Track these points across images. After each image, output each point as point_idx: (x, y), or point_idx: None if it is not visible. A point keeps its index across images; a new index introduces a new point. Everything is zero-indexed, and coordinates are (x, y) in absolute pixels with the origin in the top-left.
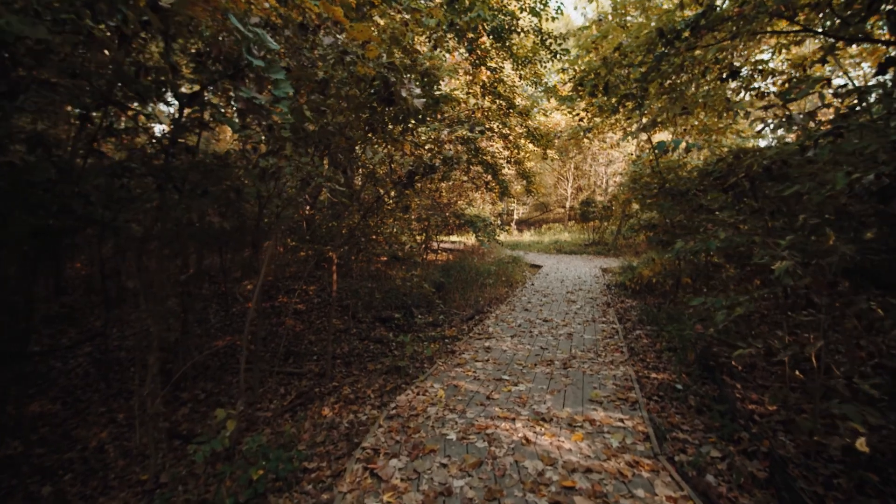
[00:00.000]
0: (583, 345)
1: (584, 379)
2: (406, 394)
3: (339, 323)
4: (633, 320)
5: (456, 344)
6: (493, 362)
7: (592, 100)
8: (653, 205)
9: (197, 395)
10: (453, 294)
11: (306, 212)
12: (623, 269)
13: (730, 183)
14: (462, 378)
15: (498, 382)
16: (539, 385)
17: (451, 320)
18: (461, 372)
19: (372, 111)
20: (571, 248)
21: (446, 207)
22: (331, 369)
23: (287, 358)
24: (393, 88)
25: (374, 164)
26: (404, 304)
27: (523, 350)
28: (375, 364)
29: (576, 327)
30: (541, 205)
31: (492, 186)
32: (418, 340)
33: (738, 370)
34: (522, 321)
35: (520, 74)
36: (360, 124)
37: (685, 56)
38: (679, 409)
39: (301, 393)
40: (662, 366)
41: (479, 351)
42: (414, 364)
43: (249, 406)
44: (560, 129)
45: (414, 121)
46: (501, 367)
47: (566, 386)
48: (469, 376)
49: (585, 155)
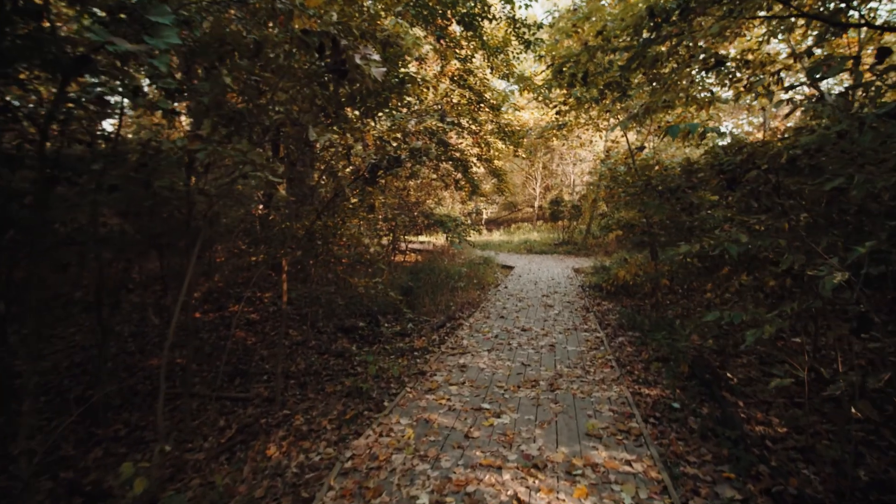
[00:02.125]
0: (568, 359)
1: (575, 404)
2: (367, 435)
3: (297, 334)
4: (613, 325)
5: (427, 360)
6: (470, 385)
7: (571, 90)
8: (632, 203)
9: (117, 430)
10: (423, 299)
11: (259, 211)
12: (596, 270)
13: (748, 177)
14: (434, 409)
15: (477, 413)
16: (525, 415)
17: (420, 329)
18: (433, 400)
19: (323, 88)
20: (541, 247)
21: (414, 207)
22: (282, 393)
23: (233, 379)
24: (345, 54)
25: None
26: (369, 312)
27: (503, 368)
28: (335, 385)
29: (557, 337)
30: (509, 204)
31: (462, 185)
32: (384, 353)
33: (736, 384)
34: (499, 331)
35: (491, 66)
36: (308, 104)
37: (674, 41)
38: (680, 434)
39: (244, 426)
40: (653, 379)
41: (453, 370)
42: (379, 385)
43: (178, 445)
44: (529, 128)
45: (375, 103)
46: (480, 390)
47: (557, 414)
48: (443, 406)
49: (553, 155)
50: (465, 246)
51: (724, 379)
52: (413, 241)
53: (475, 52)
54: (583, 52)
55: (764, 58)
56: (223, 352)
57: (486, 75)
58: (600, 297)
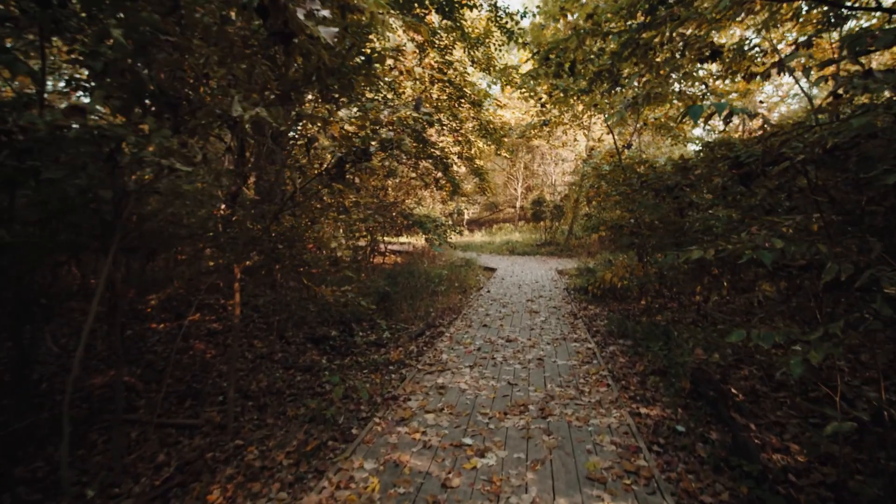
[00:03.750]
0: (558, 375)
1: (571, 435)
2: (320, 489)
3: (262, 346)
4: (602, 333)
5: (403, 376)
6: (449, 411)
7: (557, 81)
8: (623, 203)
9: (36, 469)
10: (400, 305)
11: (222, 211)
12: (580, 272)
13: (776, 170)
14: (407, 446)
15: (457, 451)
16: (514, 452)
17: (397, 338)
18: (406, 434)
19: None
20: (524, 248)
21: (393, 207)
22: (236, 419)
23: (184, 400)
24: (287, 10)
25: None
26: (343, 319)
27: (487, 388)
28: (297, 407)
29: (545, 348)
30: (491, 205)
31: (442, 184)
32: (356, 367)
33: (742, 401)
34: (482, 342)
35: (472, 58)
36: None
37: (670, 26)
38: (689, 464)
39: (186, 462)
40: (651, 395)
41: (430, 392)
42: (347, 407)
43: (104, 491)
44: (511, 127)
45: (339, 85)
46: (460, 419)
47: (551, 451)
48: (416, 442)
49: (535, 155)
50: (445, 248)
51: (730, 395)
52: (393, 243)
53: (455, 43)
54: (571, 37)
55: (765, 45)
56: (180, 366)
57: (467, 69)
58: (586, 300)
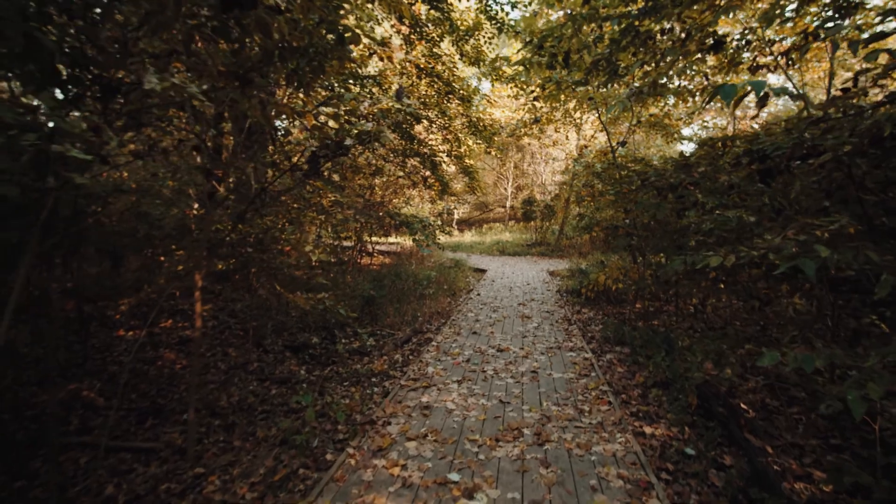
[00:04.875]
0: (555, 391)
1: (572, 467)
2: None
3: (237, 355)
4: (598, 339)
5: (385, 394)
6: (434, 438)
7: (551, 73)
8: (621, 201)
9: None
10: (386, 308)
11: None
12: (572, 273)
13: (819, 161)
14: (382, 484)
15: (441, 490)
16: (508, 490)
17: (381, 346)
18: (383, 468)
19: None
20: (514, 248)
21: (380, 206)
22: (199, 441)
23: (146, 418)
24: None
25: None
26: (326, 325)
27: (476, 408)
28: (269, 427)
29: (539, 359)
30: (481, 204)
31: (431, 183)
32: (336, 380)
33: (755, 420)
34: (471, 352)
35: (460, 51)
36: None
37: (673, 11)
38: (703, 496)
39: (135, 497)
40: (654, 411)
41: (413, 414)
42: (323, 427)
43: None
44: (501, 126)
45: (310, 68)
46: (446, 448)
47: (550, 488)
48: (395, 479)
49: (525, 154)
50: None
51: (741, 412)
52: (381, 243)
53: (443, 36)
54: (567, 24)
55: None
56: (142, 380)
57: (456, 64)
58: (579, 303)
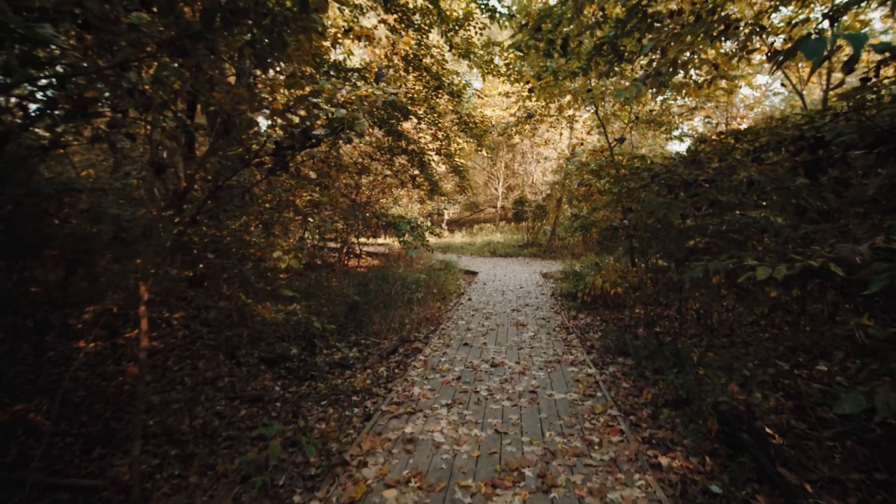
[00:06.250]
0: (558, 416)
1: None
2: None
3: (206, 369)
4: (598, 348)
5: (366, 418)
6: (418, 484)
7: (547, 62)
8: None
9: None
10: (372, 315)
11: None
12: (566, 275)
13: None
14: None
15: None
16: None
17: (365, 358)
18: None
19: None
20: (506, 249)
21: (366, 207)
22: (148, 478)
23: (93, 447)
24: None
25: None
26: (306, 334)
27: (468, 441)
28: (231, 458)
29: (538, 375)
30: (472, 204)
31: (419, 182)
32: (313, 399)
33: (784, 447)
34: (462, 368)
35: (450, 43)
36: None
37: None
38: None
39: None
40: (668, 435)
41: (394, 450)
42: (293, 460)
43: None
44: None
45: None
46: (432, 499)
47: None
48: None
49: (515, 154)
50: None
51: (768, 439)
52: (370, 244)
53: (431, 26)
54: (567, 2)
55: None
56: (98, 399)
57: (445, 56)
58: (575, 308)
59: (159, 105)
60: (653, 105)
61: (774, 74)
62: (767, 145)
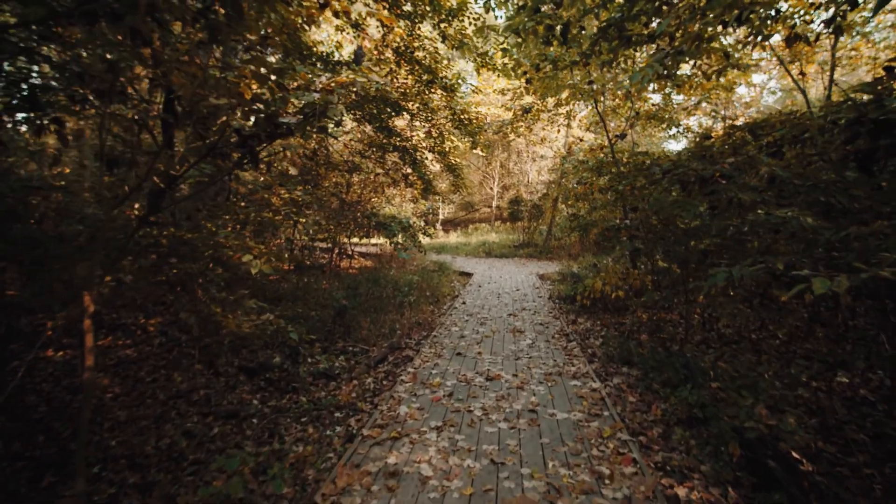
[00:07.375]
0: (561, 443)
1: None
2: None
3: (181, 380)
4: (600, 356)
5: (349, 438)
6: None
7: (546, 50)
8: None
9: None
10: (360, 320)
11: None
12: (564, 277)
13: None
14: None
15: None
16: None
17: (352, 368)
18: None
19: None
20: (501, 250)
21: (357, 206)
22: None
23: (45, 472)
24: None
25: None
26: (288, 341)
27: (460, 475)
28: (195, 487)
29: (538, 390)
30: (467, 204)
31: (412, 181)
32: (293, 414)
33: (816, 476)
34: (455, 382)
35: (443, 35)
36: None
37: None
38: None
39: None
40: (683, 461)
41: (374, 487)
42: (263, 491)
43: None
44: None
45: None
46: None
47: None
48: None
49: (511, 153)
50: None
51: (800, 469)
52: (362, 245)
53: (423, 16)
54: None
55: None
56: (59, 415)
57: (438, 47)
58: (574, 311)
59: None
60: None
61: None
62: (783, 139)
